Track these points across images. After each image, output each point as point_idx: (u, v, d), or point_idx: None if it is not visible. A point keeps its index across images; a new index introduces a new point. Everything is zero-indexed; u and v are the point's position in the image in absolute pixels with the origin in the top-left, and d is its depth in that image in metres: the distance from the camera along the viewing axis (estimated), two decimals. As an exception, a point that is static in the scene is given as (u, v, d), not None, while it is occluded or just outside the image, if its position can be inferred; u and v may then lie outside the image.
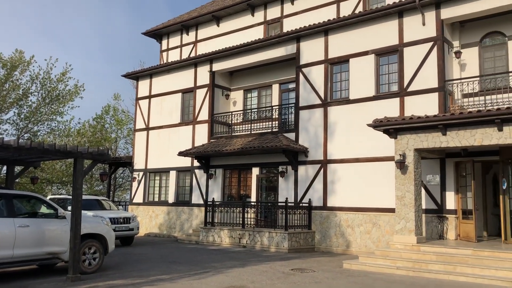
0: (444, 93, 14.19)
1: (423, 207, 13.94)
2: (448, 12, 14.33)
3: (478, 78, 14.21)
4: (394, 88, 15.38)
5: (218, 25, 23.12)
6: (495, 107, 12.19)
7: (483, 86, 14.14)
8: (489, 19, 14.49)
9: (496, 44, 14.61)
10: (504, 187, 12.94)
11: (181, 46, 24.80)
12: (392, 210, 14.21)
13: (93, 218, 11.85)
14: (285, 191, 17.56)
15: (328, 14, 18.65)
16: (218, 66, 20.57)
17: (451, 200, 13.87)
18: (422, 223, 13.56)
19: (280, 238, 15.73)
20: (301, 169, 17.26)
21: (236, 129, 20.09)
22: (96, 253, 10.84)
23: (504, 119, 11.29)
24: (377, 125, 13.19)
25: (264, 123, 18.98)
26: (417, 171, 12.85)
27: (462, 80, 14.35)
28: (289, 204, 16.23)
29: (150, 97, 23.37)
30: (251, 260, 13.26)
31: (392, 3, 15.29)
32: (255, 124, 19.28)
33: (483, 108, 13.33)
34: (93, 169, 23.42)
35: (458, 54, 14.81)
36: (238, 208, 17.44)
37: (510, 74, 13.59)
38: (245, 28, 21.94)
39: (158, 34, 25.83)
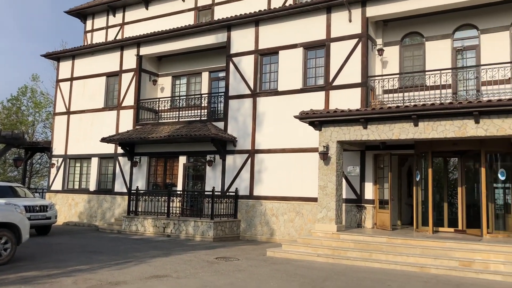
0: (367, 89, 14.83)
1: (344, 197, 14.56)
2: (373, 11, 14.94)
3: (397, 76, 14.99)
4: (321, 81, 15.83)
5: (147, 8, 22.38)
6: (412, 104, 12.95)
7: (402, 83, 14.95)
8: (410, 20, 15.31)
9: (415, 44, 15.49)
10: (418, 179, 13.84)
11: (107, 27, 23.73)
12: (314, 200, 14.70)
13: (5, 206, 11.06)
14: (213, 180, 17.52)
15: (259, 5, 18.70)
16: (146, 50, 19.96)
17: (369, 191, 14.60)
18: (343, 212, 14.17)
19: (205, 227, 15.69)
20: (229, 158, 17.29)
21: (163, 116, 19.66)
22: (8, 243, 10.15)
23: (420, 115, 12.03)
24: (303, 117, 13.52)
25: (192, 111, 18.74)
26: (339, 163, 13.36)
27: (384, 77, 15.07)
28: (216, 193, 16.21)
29: (72, 79, 22.18)
30: (176, 249, 13.11)
31: (321, -2, 15.66)
32: (184, 112, 18.99)
33: (402, 104, 14.09)
34: (7, 154, 21.90)
35: (380, 51, 15.52)
36: (164, 197, 17.15)
37: (427, 73, 14.47)
38: (175, 13, 21.43)
39: (82, 13, 24.50)
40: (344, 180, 14.72)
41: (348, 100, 14.89)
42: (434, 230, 13.23)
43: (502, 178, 12.69)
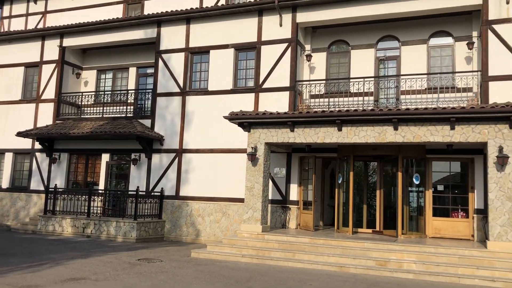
0: (295, 93, 15.16)
1: (270, 197, 14.79)
2: (303, 17, 15.31)
3: (324, 81, 15.48)
4: (251, 83, 15.95)
5: (72, -2, 21.29)
6: (337, 109, 13.43)
7: (328, 89, 15.46)
8: (337, 28, 15.87)
9: (341, 52, 16.08)
10: (340, 182, 14.37)
11: (27, 15, 22.23)
12: (241, 200, 14.76)
13: None
14: (137, 180, 17.01)
15: (191, 2, 18.42)
16: (69, 41, 18.96)
17: (294, 192, 14.92)
18: (268, 213, 14.36)
19: (128, 227, 15.19)
20: (155, 157, 16.88)
21: (86, 112, 18.77)
22: None
23: (343, 120, 12.50)
24: (233, 118, 13.53)
25: (118, 107, 18.09)
26: (266, 164, 13.53)
27: (311, 82, 15.48)
28: (140, 193, 15.75)
29: (-15, 68, 20.54)
30: (95, 251, 12.56)
31: (254, 0, 15.78)
32: (108, 108, 18.25)
33: (327, 109, 14.58)
34: None
35: (309, 57, 15.94)
36: (84, 196, 16.37)
37: (351, 80, 15.08)
38: (102, 5, 20.54)
39: (-1, -3, 22.79)
40: (270, 181, 14.93)
41: (277, 103, 15.12)
42: (354, 231, 13.79)
43: (416, 182, 13.52)
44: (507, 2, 13.00)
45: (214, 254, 12.24)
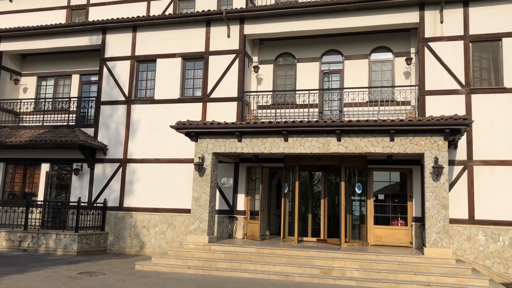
0: (242, 103, 15.28)
1: (217, 208, 14.76)
2: (250, 29, 15.52)
3: (271, 93, 15.73)
4: (198, 93, 15.91)
5: (10, 1, 20.40)
6: (283, 120, 13.66)
7: (275, 100, 15.72)
8: (284, 41, 16.21)
9: (287, 64, 16.42)
10: (286, 191, 14.59)
11: (-39, 16, 21.07)
12: (187, 211, 14.63)
13: None
14: (79, 190, 16.42)
15: (138, 10, 18.27)
16: (7, 46, 18.11)
17: (241, 202, 14.97)
18: (215, 223, 14.31)
19: (69, 240, 14.61)
20: (99, 167, 16.39)
21: (25, 120, 17.93)
22: None
23: (289, 131, 12.74)
24: (180, 127, 13.43)
25: (59, 115, 17.46)
26: (213, 174, 13.50)
27: (258, 93, 15.68)
28: (82, 204, 15.21)
29: None
30: (33, 265, 11.97)
31: (202, 10, 15.82)
32: (49, 116, 17.56)
33: (274, 120, 14.80)
34: None
35: (256, 68, 16.15)
36: (21, 208, 15.58)
37: (297, 92, 15.41)
38: (44, 10, 19.91)
39: None
40: (218, 191, 14.91)
41: (224, 113, 15.17)
42: (299, 240, 14.02)
43: (358, 191, 13.98)
44: (441, 22, 13.84)
45: (159, 266, 12.02)
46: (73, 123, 17.12)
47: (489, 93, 13.27)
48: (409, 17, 14.12)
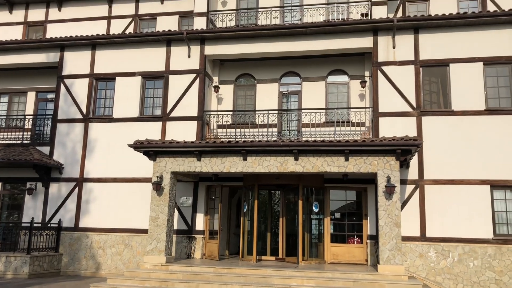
0: (202, 122, 15.37)
1: (175, 227, 14.65)
2: (211, 50, 15.73)
3: (231, 113, 15.91)
4: (158, 112, 15.89)
5: (-35, 15, 19.86)
6: (242, 140, 13.83)
7: (235, 119, 15.90)
8: (244, 62, 16.49)
9: (247, 85, 16.68)
10: (245, 210, 14.67)
11: None
12: (145, 231, 14.44)
13: None
14: (33, 210, 15.92)
15: (97, 28, 18.19)
16: (-41, 61, 17.56)
17: (200, 221, 14.93)
18: (173, 243, 14.19)
19: (20, 262, 14.09)
20: (54, 186, 15.98)
21: (-24, 137, 17.33)
22: None
23: (248, 150, 12.90)
24: (138, 146, 13.35)
25: (13, 133, 16.97)
26: (172, 193, 13.44)
27: (218, 113, 15.83)
28: (35, 224, 14.75)
29: None
30: (-20, 290, 11.48)
31: (162, 31, 15.92)
32: (3, 134, 17.06)
33: (233, 139, 14.96)
34: None
35: (217, 88, 16.32)
36: (-31, 229, 14.95)
37: (256, 112, 15.66)
38: (1, 25, 19.42)
39: None
40: (176, 211, 14.82)
41: (184, 132, 15.21)
42: (258, 259, 14.08)
43: (315, 210, 14.25)
44: (394, 47, 14.50)
45: (114, 288, 11.78)
46: (28, 141, 16.68)
47: (438, 116, 13.93)
48: (363, 42, 14.72)
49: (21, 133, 16.82)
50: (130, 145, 13.47)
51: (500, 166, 13.29)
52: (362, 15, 16.06)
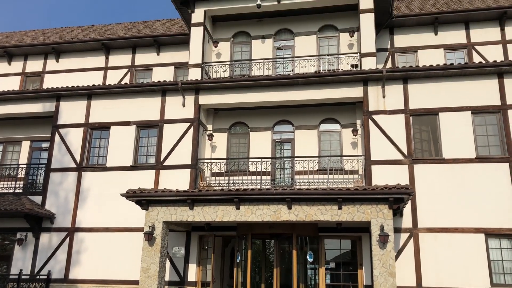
0: (196, 170, 15.41)
1: (167, 278, 14.35)
2: (205, 99, 16.01)
3: (224, 160, 15.99)
4: (152, 160, 15.94)
5: (-36, 66, 20.27)
6: (235, 188, 13.82)
7: (228, 167, 15.96)
8: (237, 111, 16.75)
9: (241, 133, 16.86)
10: (238, 260, 14.43)
11: None
12: (137, 282, 14.12)
13: None
14: (22, 262, 15.57)
15: (94, 78, 18.55)
16: (-44, 111, 17.75)
17: (193, 272, 14.63)
18: (164, 295, 13.82)
19: (6, 316, 13.66)
20: (44, 236, 15.73)
21: (-32, 186, 17.22)
22: None
23: (241, 198, 12.86)
24: (131, 195, 13.29)
25: (6, 182, 16.89)
26: (164, 243, 13.25)
27: (212, 161, 15.91)
28: (24, 276, 14.42)
29: None
30: None
31: (157, 81, 16.26)
32: (-5, 183, 16.97)
33: (226, 187, 14.95)
34: None
35: (210, 137, 16.48)
36: (-44, 281, 14.56)
37: (250, 160, 15.75)
38: (-1, 76, 19.82)
39: None
40: (168, 261, 14.56)
41: (178, 180, 15.19)
42: (252, 311, 13.72)
43: (310, 259, 14.03)
44: (384, 96, 14.82)
45: None
46: (21, 191, 16.59)
47: (430, 163, 14.06)
48: (354, 92, 15.05)
49: (13, 182, 16.74)
50: (122, 194, 13.41)
51: (493, 214, 13.29)
52: (352, 66, 16.52)
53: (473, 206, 13.42)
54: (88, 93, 16.77)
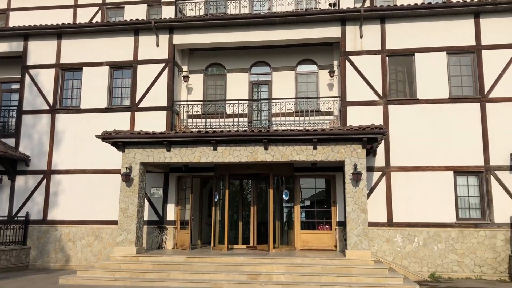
0: (172, 112, 15.30)
1: (146, 218, 14.62)
2: (179, 39, 15.61)
3: (201, 102, 15.87)
4: (127, 102, 15.71)
5: None
6: (213, 130, 13.83)
7: (205, 109, 15.88)
8: (214, 51, 16.44)
9: (218, 74, 16.66)
10: (216, 200, 14.74)
11: None
12: (116, 222, 14.35)
13: None
14: (-2, 204, 15.59)
15: (63, 16, 17.80)
16: None
17: (171, 212, 14.92)
18: (144, 234, 14.17)
19: (-14, 257, 13.82)
20: (20, 179, 15.65)
21: None
22: None
23: (218, 140, 12.93)
24: (106, 137, 13.20)
25: (-24, 125, 16.50)
26: (141, 184, 13.37)
27: (188, 102, 15.77)
28: (1, 218, 14.47)
29: None
30: None
31: (130, 20, 15.69)
32: (-35, 126, 16.56)
33: (203, 129, 14.95)
34: None
35: (186, 78, 16.23)
36: None
37: (227, 102, 15.68)
38: (-40, 13, 18.78)
39: None
40: (146, 202, 14.77)
41: (154, 123, 15.10)
42: (229, 248, 14.20)
43: (286, 198, 14.43)
44: (361, 37, 14.71)
45: (84, 280, 11.70)
46: (-8, 133, 16.28)
47: (404, 104, 14.26)
48: (331, 32, 14.88)
49: (-16, 125, 16.37)
50: (98, 136, 13.31)
51: (462, 153, 13.75)
52: (330, 5, 16.23)
53: (444, 145, 13.83)
54: (58, 32, 16.11)
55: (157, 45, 15.65)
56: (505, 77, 13.92)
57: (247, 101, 15.68)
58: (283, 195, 14.40)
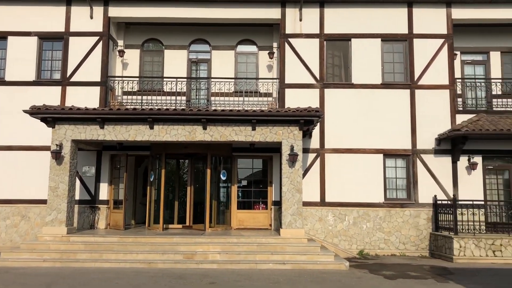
0: (106, 88, 14.71)
1: (77, 198, 14.08)
2: (115, 12, 14.94)
3: (137, 79, 15.38)
4: (57, 76, 14.90)
5: None
6: (149, 107, 13.52)
7: (141, 86, 15.41)
8: (151, 26, 15.93)
9: (155, 50, 16.18)
10: (152, 179, 14.48)
11: None
12: (44, 202, 13.69)
13: None
14: None
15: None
16: None
17: (104, 191, 14.48)
18: (75, 214, 13.65)
19: None
20: None
21: None
22: None
23: (155, 118, 12.64)
24: (35, 112, 12.47)
25: None
26: (73, 162, 12.83)
27: (124, 78, 15.23)
28: None
29: None
30: None
31: (61, -12, 14.81)
32: None
33: (139, 107, 14.53)
34: None
35: (121, 53, 15.62)
36: None
37: (164, 79, 15.31)
38: None
39: None
40: (78, 181, 14.21)
41: (86, 98, 14.48)
42: (165, 228, 14.07)
43: (223, 178, 14.48)
44: (300, 19, 14.86)
45: (9, 261, 11.13)
46: None
47: (340, 88, 14.67)
48: (272, 13, 14.89)
49: None
50: (25, 111, 12.53)
51: (392, 137, 14.43)
52: (271, -15, 16.15)
53: (376, 129, 14.43)
54: (-21, -3, 14.87)
55: (91, 17, 14.90)
56: (433, 65, 14.68)
57: (185, 79, 15.41)
58: (221, 175, 14.43)
